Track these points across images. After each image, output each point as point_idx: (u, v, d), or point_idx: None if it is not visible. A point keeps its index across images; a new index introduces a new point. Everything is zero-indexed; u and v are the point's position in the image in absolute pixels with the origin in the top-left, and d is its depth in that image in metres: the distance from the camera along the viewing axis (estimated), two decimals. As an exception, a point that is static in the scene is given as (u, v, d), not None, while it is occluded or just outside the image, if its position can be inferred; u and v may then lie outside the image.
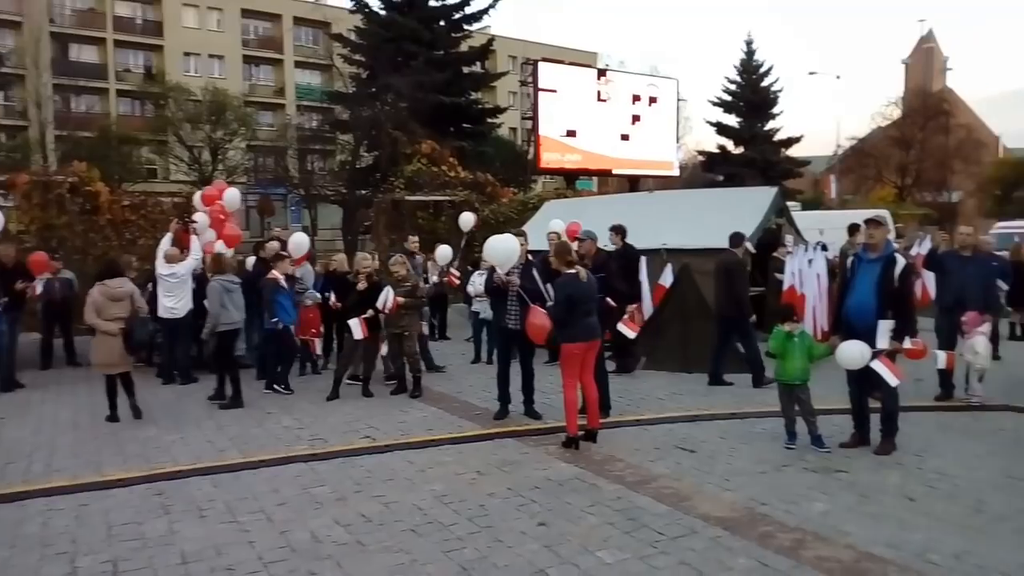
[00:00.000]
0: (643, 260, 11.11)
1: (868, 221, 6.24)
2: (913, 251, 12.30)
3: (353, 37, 32.05)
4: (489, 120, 33.20)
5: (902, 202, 38.15)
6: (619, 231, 9.77)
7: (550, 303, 6.43)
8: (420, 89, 26.38)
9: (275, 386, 8.83)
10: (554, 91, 26.29)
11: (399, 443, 6.60)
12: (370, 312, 8.39)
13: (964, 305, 7.63)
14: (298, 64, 48.80)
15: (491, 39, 33.99)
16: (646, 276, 11.44)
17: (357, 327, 8.38)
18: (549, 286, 6.50)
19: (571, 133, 26.87)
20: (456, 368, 10.23)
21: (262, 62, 48.86)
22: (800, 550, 4.26)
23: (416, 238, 11.04)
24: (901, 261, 6.06)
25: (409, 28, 29.17)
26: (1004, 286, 10.22)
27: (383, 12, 30.79)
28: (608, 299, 7.70)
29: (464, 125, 31.35)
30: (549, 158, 26.53)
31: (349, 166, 29.20)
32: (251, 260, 10.37)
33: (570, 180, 28.12)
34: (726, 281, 9.06)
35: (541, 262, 7.14)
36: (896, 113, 43.76)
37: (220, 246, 9.87)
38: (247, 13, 47.77)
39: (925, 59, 54.08)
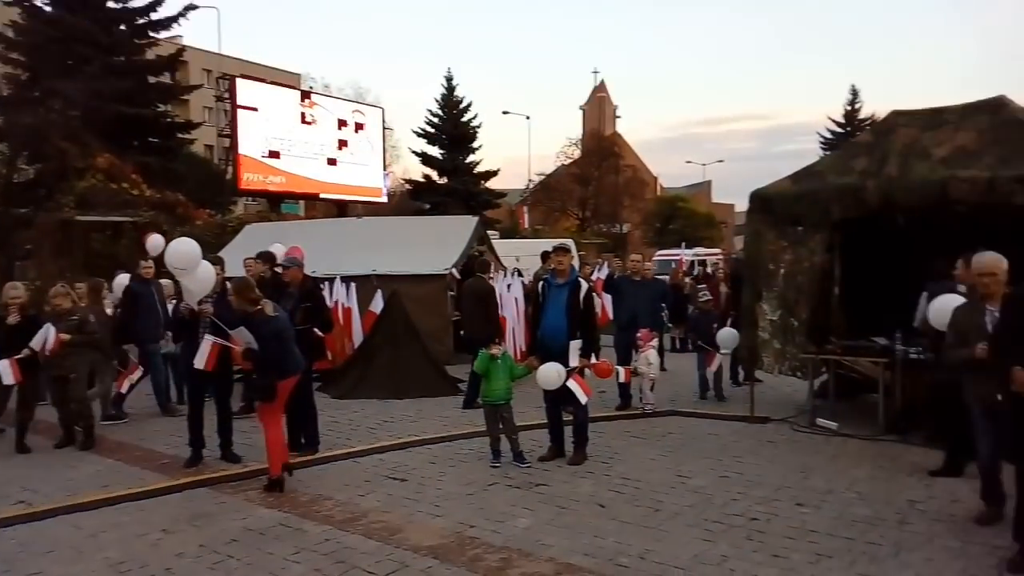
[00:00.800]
0: (342, 287, 11.02)
1: (556, 248, 6.75)
2: (593, 276, 13.70)
3: (10, 33, 27.50)
4: (180, 135, 30.50)
5: (583, 232, 42.55)
6: (266, 259, 8.31)
7: (247, 344, 5.89)
8: (96, 97, 23.37)
9: None
10: (254, 109, 25.04)
11: (63, 506, 5.59)
12: (25, 352, 7.10)
13: (637, 323, 8.62)
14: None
15: (181, 49, 31.41)
16: (356, 302, 11.29)
17: (7, 370, 7.04)
18: (243, 329, 5.93)
19: (274, 154, 25.76)
20: (140, 412, 9.03)
21: None
22: (507, 569, 4.36)
23: (150, 263, 9.14)
24: (585, 285, 6.63)
25: (82, 29, 25.74)
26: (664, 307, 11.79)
27: (48, 8, 26.87)
28: (316, 330, 7.35)
29: (151, 139, 28.45)
30: (250, 179, 25.14)
31: (3, 180, 24.86)
32: None
33: (275, 203, 26.91)
34: (478, 305, 9.23)
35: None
36: (576, 153, 48.91)
37: None
38: None
39: (599, 106, 61.24)
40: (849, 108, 48.13)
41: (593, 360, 6.74)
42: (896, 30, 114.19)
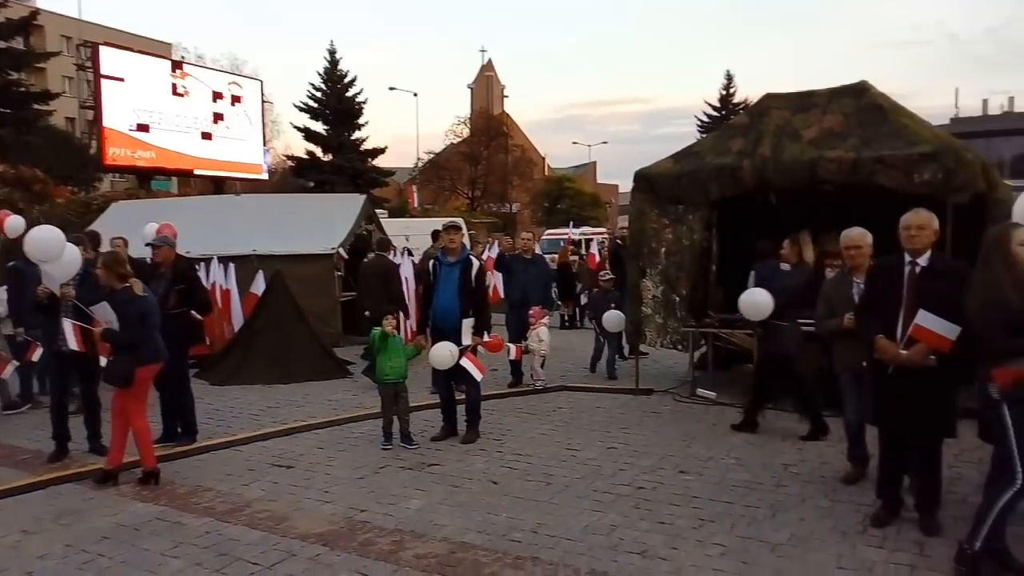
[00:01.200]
0: (220, 268, 10.55)
1: (447, 227, 6.66)
2: (484, 255, 13.72)
3: None
4: (37, 106, 28.16)
5: (474, 211, 42.55)
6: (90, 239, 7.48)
7: (108, 323, 5.47)
8: (-66, 61, 21.17)
9: None
10: (120, 80, 23.42)
11: (-97, 512, 5.06)
12: None
13: (528, 301, 8.69)
14: None
15: (35, 12, 28.96)
16: (235, 284, 10.79)
17: None
18: (105, 305, 5.49)
19: (143, 127, 24.24)
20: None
21: None
22: (400, 552, 4.29)
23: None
24: (476, 263, 6.60)
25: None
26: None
27: None
28: (193, 312, 6.94)
29: (2, 110, 26.10)
30: (117, 154, 23.58)
31: None
32: None
33: (144, 179, 25.33)
34: (381, 283, 9.15)
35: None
36: (465, 132, 48.72)
37: None
38: None
39: (487, 85, 61.17)
40: (724, 93, 50.18)
41: (485, 338, 6.74)
42: (767, 17, 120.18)
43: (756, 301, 6.53)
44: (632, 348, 8.88)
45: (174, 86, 25.59)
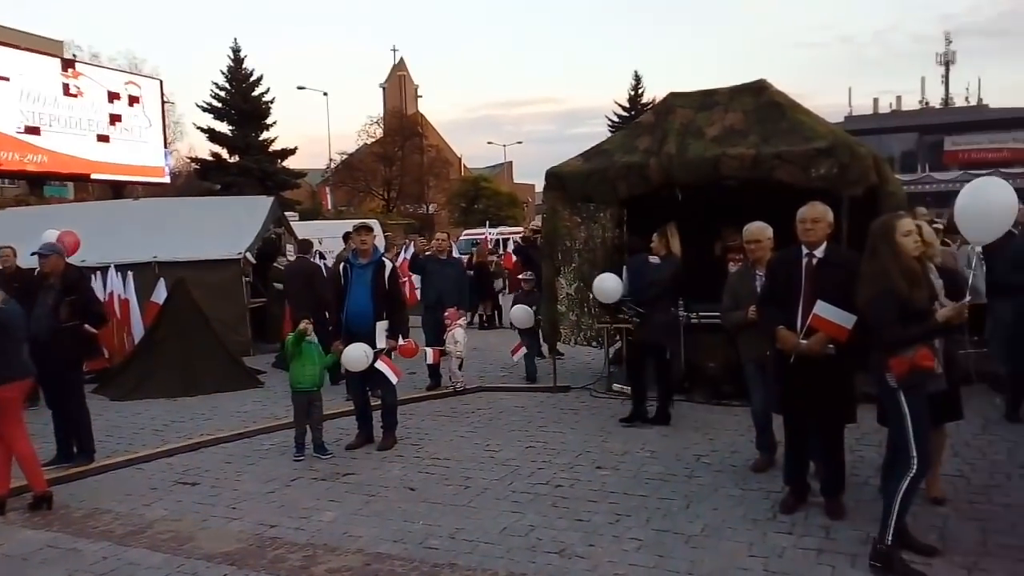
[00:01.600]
0: (117, 276, 10.05)
1: (358, 228, 6.50)
2: (401, 257, 13.52)
3: None
4: (-91, 107, 26.12)
5: (390, 212, 42.02)
6: None
7: None
8: None
9: None
10: (5, 79, 22.03)
11: None
12: None
13: (444, 303, 8.59)
14: None
15: (-95, 5, 26.82)
16: (134, 292, 10.27)
17: None
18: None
19: (32, 130, 22.87)
20: None
21: None
22: (312, 567, 4.15)
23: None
24: (389, 264, 6.48)
25: None
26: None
27: None
28: (86, 325, 6.52)
29: None
30: (5, 158, 22.12)
31: None
32: None
33: (36, 185, 23.89)
34: (305, 286, 9.06)
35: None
36: (378, 132, 48.00)
37: None
38: None
39: (399, 85, 60.50)
40: (633, 93, 51.24)
41: (400, 341, 6.62)
42: (673, 19, 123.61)
43: (604, 287, 7.20)
44: (550, 347, 8.91)
45: (66, 86, 24.22)
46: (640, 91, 51.01)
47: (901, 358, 3.64)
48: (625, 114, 49.53)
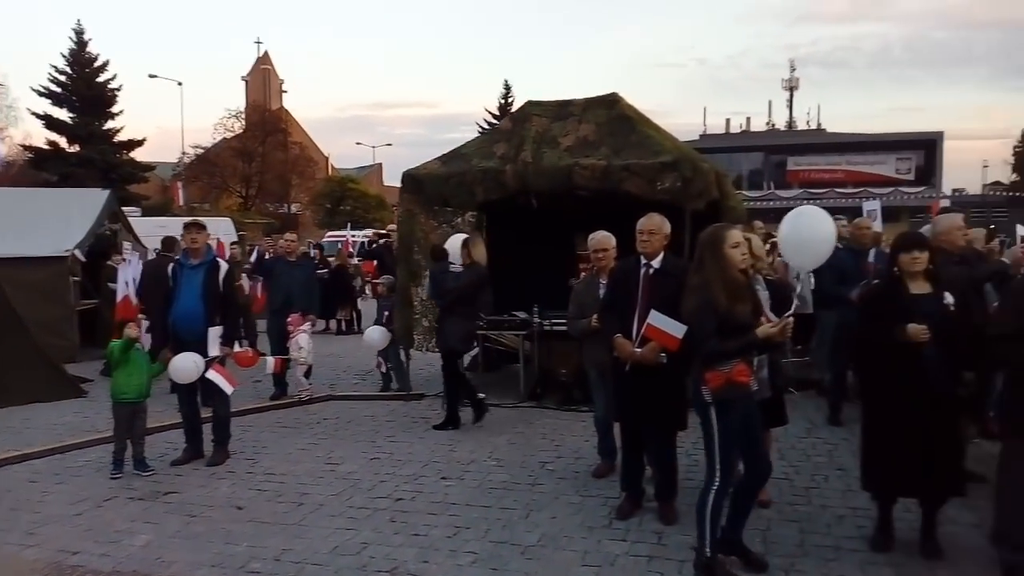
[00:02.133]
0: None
1: (188, 226, 6.03)
2: (254, 257, 12.84)
3: None
4: None
5: (248, 211, 40.14)
6: None
7: None
8: None
9: None
10: None
11: None
12: None
13: (292, 306, 8.17)
14: None
15: None
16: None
17: None
18: None
19: None
20: None
21: None
22: (115, 599, 3.75)
23: None
24: (224, 265, 6.05)
25: None
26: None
27: None
28: None
29: None
30: None
31: None
32: None
33: None
34: (161, 287, 8.33)
35: None
36: (239, 126, 45.80)
37: None
38: None
39: (263, 79, 58.11)
40: (503, 102, 51.78)
41: (236, 348, 6.21)
42: (543, 32, 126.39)
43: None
44: (405, 353, 8.68)
45: None
46: (510, 100, 51.51)
47: (717, 372, 3.64)
48: (495, 121, 49.88)
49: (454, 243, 7.37)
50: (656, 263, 4.50)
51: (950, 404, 3.91)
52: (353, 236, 22.47)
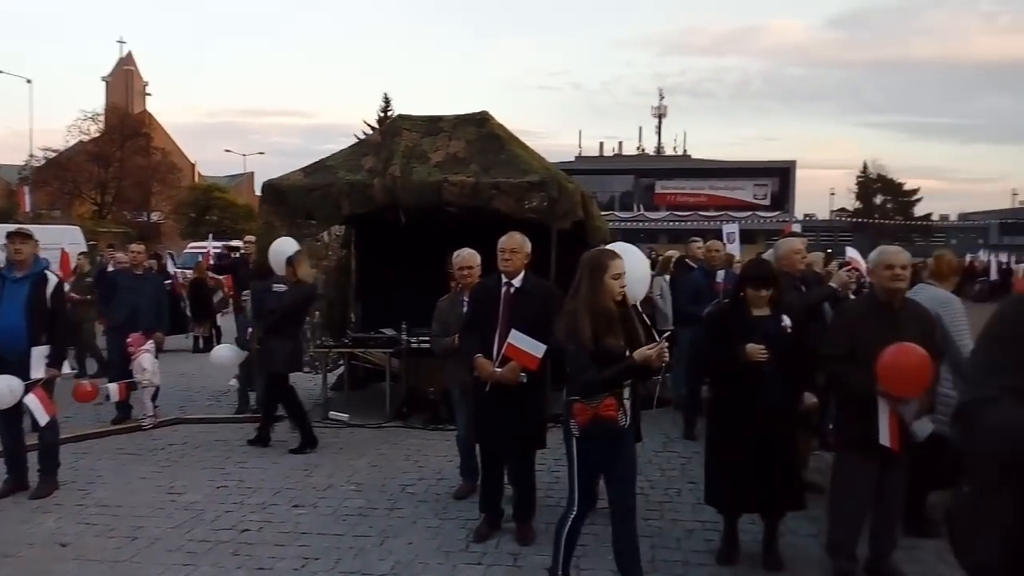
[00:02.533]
0: None
1: (11, 235, 5.44)
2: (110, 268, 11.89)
3: None
4: None
5: (103, 219, 37.49)
6: None
7: None
8: None
9: None
10: None
11: None
12: None
13: (138, 323, 7.57)
14: None
15: None
16: None
17: None
18: None
19: None
20: None
21: None
22: None
23: None
24: (53, 279, 5.52)
25: None
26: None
27: None
28: None
29: None
30: None
31: None
32: None
33: None
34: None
35: None
36: (96, 129, 42.78)
37: None
38: None
39: (125, 80, 54.78)
40: (382, 114, 51.23)
41: (66, 370, 5.67)
42: (425, 48, 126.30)
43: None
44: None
45: None
46: (389, 113, 51.06)
47: (585, 406, 3.50)
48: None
49: (278, 259, 7.01)
50: (517, 282, 4.48)
51: (788, 421, 4.09)
52: (215, 248, 21.33)
